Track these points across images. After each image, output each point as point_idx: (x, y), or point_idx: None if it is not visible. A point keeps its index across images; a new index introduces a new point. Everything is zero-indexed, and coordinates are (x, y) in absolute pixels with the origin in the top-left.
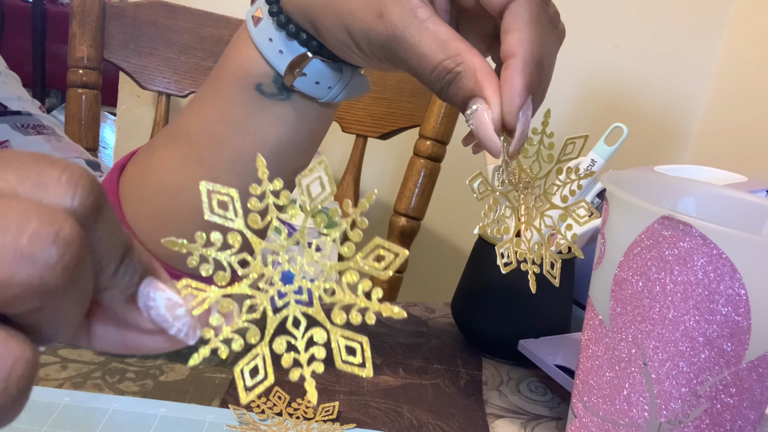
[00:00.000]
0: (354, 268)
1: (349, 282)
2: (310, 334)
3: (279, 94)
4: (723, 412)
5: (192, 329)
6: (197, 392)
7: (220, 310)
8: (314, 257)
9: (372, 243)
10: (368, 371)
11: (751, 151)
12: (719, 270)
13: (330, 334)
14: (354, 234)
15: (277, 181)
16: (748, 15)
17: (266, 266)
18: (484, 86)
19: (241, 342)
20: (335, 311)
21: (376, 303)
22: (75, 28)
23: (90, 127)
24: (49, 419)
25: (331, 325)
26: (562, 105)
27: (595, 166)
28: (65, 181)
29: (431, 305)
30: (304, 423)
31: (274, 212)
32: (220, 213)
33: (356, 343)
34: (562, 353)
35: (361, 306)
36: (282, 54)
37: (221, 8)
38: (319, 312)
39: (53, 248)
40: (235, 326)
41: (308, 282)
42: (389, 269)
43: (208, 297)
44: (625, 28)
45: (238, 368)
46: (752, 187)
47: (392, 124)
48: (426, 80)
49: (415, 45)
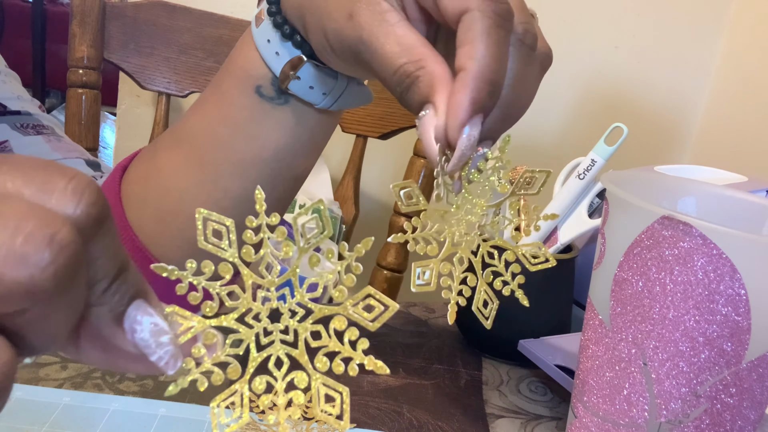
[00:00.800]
0: (343, 314)
1: (336, 328)
2: (291, 377)
3: (277, 97)
4: (723, 412)
5: (173, 358)
6: (197, 392)
7: (204, 341)
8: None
9: (363, 291)
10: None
11: (751, 151)
12: (719, 270)
13: (311, 379)
14: (347, 279)
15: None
16: (748, 15)
17: (255, 301)
18: (436, 93)
19: (222, 377)
20: (319, 357)
21: (360, 354)
22: (75, 28)
23: (90, 127)
24: (50, 419)
25: (313, 369)
26: (562, 105)
27: (595, 166)
28: (71, 190)
29: (431, 305)
30: (303, 423)
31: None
32: (213, 242)
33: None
34: (562, 353)
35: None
36: (278, 56)
37: (221, 8)
38: (303, 355)
39: (47, 251)
40: (216, 359)
41: (295, 322)
42: (377, 321)
43: (193, 327)
44: (625, 28)
45: (215, 403)
46: (752, 187)
47: (392, 124)
48: (388, 84)
49: (379, 47)
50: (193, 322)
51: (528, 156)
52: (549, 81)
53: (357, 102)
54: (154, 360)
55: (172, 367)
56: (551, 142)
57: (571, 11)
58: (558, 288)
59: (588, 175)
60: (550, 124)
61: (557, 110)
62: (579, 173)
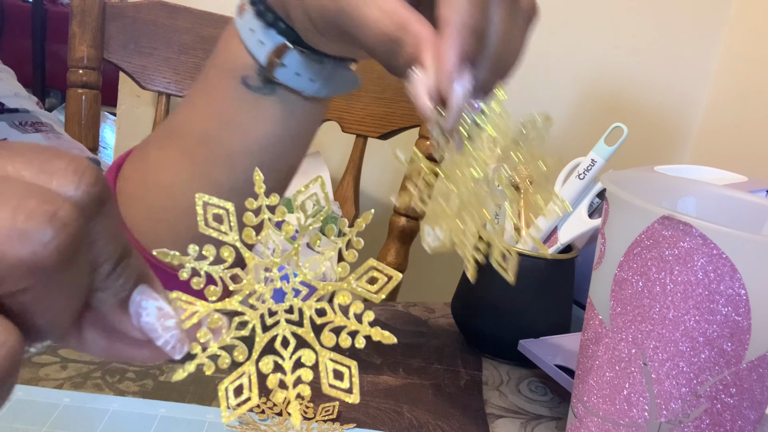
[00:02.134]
0: (347, 289)
1: (341, 303)
2: (298, 355)
3: (264, 87)
4: (723, 412)
5: (180, 342)
6: (198, 392)
7: (209, 325)
8: (307, 276)
9: (366, 264)
10: (355, 397)
11: (751, 151)
12: (719, 270)
13: (318, 356)
14: (349, 254)
15: (273, 197)
16: (748, 15)
17: (258, 283)
18: (422, 52)
19: (228, 360)
20: (325, 333)
21: (366, 326)
22: (75, 28)
23: (90, 127)
24: (49, 420)
25: (320, 347)
26: (562, 105)
27: (595, 166)
28: (71, 170)
29: (431, 305)
30: (304, 423)
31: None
32: (214, 226)
33: (344, 367)
34: (562, 353)
35: (352, 329)
36: (263, 45)
37: (221, 8)
38: (309, 332)
39: (48, 228)
40: (222, 342)
41: (300, 301)
42: (382, 292)
43: (198, 311)
44: (625, 28)
45: (223, 386)
46: (752, 187)
47: (392, 124)
48: (373, 51)
49: (361, 15)
50: (198, 306)
51: None
52: (549, 81)
53: (344, 87)
54: (160, 344)
55: (179, 352)
56: (551, 142)
57: (571, 11)
58: (558, 288)
59: (588, 175)
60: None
61: (557, 110)
62: (579, 173)
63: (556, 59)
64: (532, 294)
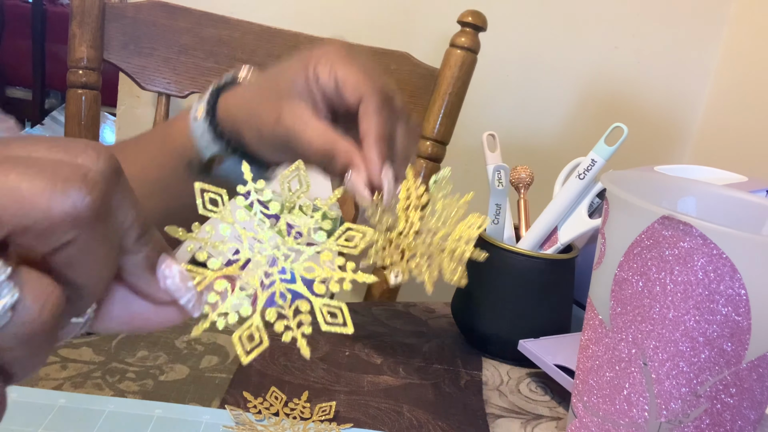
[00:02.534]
0: (328, 248)
1: (325, 260)
2: (296, 305)
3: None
4: (723, 412)
5: (198, 302)
6: (197, 392)
7: (216, 288)
8: (294, 243)
9: (342, 227)
10: (350, 328)
11: (751, 151)
12: (719, 270)
13: (313, 304)
14: (324, 223)
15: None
16: (748, 15)
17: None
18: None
19: (236, 316)
20: (316, 284)
21: (350, 272)
22: (75, 28)
23: (90, 127)
24: (45, 421)
25: (313, 296)
26: (562, 105)
27: (595, 166)
28: (91, 148)
29: (431, 305)
30: (300, 423)
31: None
32: (211, 208)
33: (336, 308)
34: (562, 353)
35: (338, 277)
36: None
37: (221, 8)
38: (302, 287)
39: (83, 186)
40: (229, 303)
41: (290, 263)
42: (358, 247)
43: (206, 277)
44: (625, 28)
45: (236, 336)
46: (752, 187)
47: None
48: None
49: (302, 139)
50: (206, 273)
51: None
52: (549, 81)
53: None
54: (183, 303)
55: (197, 309)
56: (551, 142)
57: (571, 11)
58: (558, 288)
59: (588, 175)
60: (550, 124)
61: (557, 110)
62: (579, 173)
63: (556, 59)
64: (532, 294)
